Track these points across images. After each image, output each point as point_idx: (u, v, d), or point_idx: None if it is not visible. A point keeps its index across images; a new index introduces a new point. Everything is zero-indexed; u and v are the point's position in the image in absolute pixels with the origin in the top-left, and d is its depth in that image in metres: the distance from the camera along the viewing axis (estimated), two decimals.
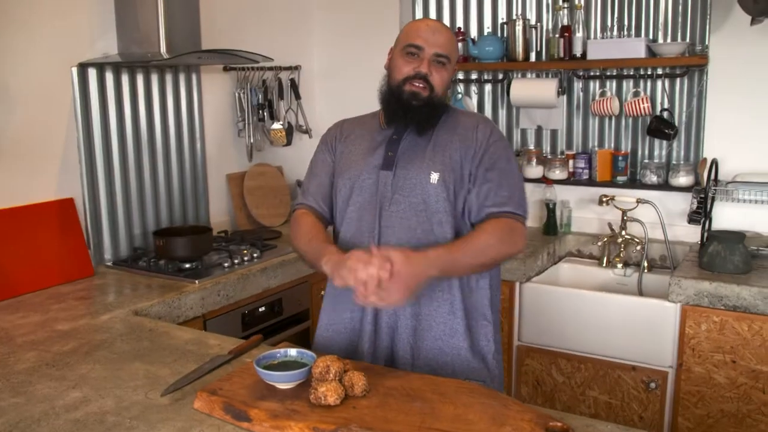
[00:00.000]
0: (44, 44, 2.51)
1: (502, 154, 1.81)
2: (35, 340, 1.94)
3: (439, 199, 1.77)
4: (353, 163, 1.86)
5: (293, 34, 3.66)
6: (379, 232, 1.78)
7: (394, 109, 1.82)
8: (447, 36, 1.80)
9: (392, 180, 1.79)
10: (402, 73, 1.79)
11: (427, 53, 1.76)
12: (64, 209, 2.57)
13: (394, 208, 1.78)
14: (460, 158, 1.79)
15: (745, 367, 2.40)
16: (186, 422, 1.42)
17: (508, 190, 1.78)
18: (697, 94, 3.00)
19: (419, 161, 1.79)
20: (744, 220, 2.86)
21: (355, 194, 1.83)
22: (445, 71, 1.80)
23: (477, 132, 1.82)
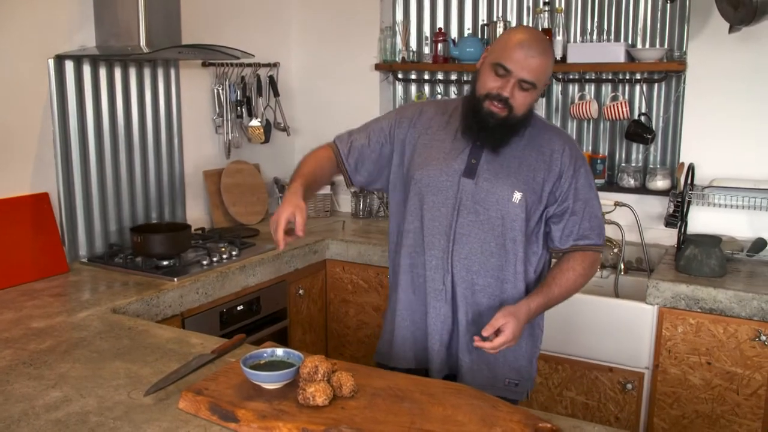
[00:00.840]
0: (20, 35, 2.45)
1: (586, 183, 1.83)
2: (9, 337, 1.89)
3: (517, 218, 1.79)
4: (434, 160, 1.84)
5: (273, 31, 3.63)
6: (454, 237, 1.81)
7: (470, 123, 1.80)
8: (540, 61, 1.71)
9: (474, 189, 1.79)
10: (485, 87, 1.75)
11: (515, 77, 1.71)
12: (38, 204, 2.51)
13: (473, 218, 1.80)
14: (542, 180, 1.80)
15: (720, 368, 2.44)
16: (171, 423, 1.40)
17: (590, 221, 1.83)
18: (674, 100, 3.04)
19: (504, 177, 1.79)
20: (719, 225, 2.91)
21: (431, 193, 1.83)
22: (530, 95, 1.75)
23: (563, 156, 1.81)
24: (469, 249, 1.80)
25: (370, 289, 3.05)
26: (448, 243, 1.81)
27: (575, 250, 1.84)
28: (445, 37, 3.45)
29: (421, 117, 1.94)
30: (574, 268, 1.82)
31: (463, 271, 1.81)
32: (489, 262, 1.81)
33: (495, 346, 1.70)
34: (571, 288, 1.83)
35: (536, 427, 1.33)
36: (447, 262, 1.82)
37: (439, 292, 1.84)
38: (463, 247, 1.80)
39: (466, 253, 1.80)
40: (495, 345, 1.69)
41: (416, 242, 1.87)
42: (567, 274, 1.82)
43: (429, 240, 1.83)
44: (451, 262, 1.82)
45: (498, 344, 1.70)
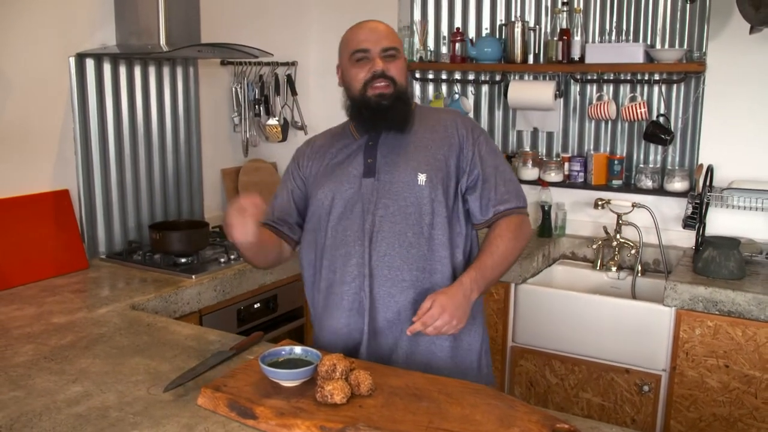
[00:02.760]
0: (42, 33, 2.48)
1: (490, 150, 1.82)
2: (31, 332, 1.91)
3: (429, 201, 1.74)
4: (331, 175, 1.81)
5: (291, 30, 3.64)
6: (370, 239, 1.73)
7: (367, 118, 1.78)
8: (386, 29, 1.79)
9: (377, 185, 1.75)
10: (359, 80, 1.75)
11: (375, 52, 1.74)
12: (59, 201, 2.54)
13: (383, 213, 1.73)
14: (444, 156, 1.77)
15: (738, 372, 2.43)
16: (191, 419, 1.41)
17: (505, 185, 1.80)
18: (693, 101, 3.02)
19: (403, 164, 1.75)
20: (738, 227, 2.88)
21: (337, 206, 1.78)
22: (399, 61, 1.77)
23: (458, 128, 1.80)
24: (386, 245, 1.72)
25: None
26: (363, 247, 1.73)
27: (498, 218, 1.78)
28: (462, 36, 3.44)
29: (312, 147, 1.91)
30: (502, 235, 1.75)
31: (385, 270, 1.72)
32: (410, 254, 1.72)
33: (426, 322, 1.60)
34: (506, 254, 1.74)
35: (554, 428, 1.33)
36: (364, 266, 1.72)
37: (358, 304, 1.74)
38: (380, 244, 1.72)
39: (384, 249, 1.72)
40: (425, 321, 1.60)
41: (332, 262, 1.78)
42: (496, 241, 1.75)
43: (345, 252, 1.75)
44: (369, 264, 1.72)
45: (429, 318, 1.60)
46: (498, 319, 2.86)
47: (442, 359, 1.79)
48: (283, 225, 1.89)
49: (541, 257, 3.05)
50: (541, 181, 3.26)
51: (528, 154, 3.32)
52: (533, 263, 2.94)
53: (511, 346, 2.87)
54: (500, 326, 2.86)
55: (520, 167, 3.30)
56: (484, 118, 3.51)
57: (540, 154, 3.40)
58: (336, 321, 1.79)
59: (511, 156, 3.40)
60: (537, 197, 3.27)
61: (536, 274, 2.99)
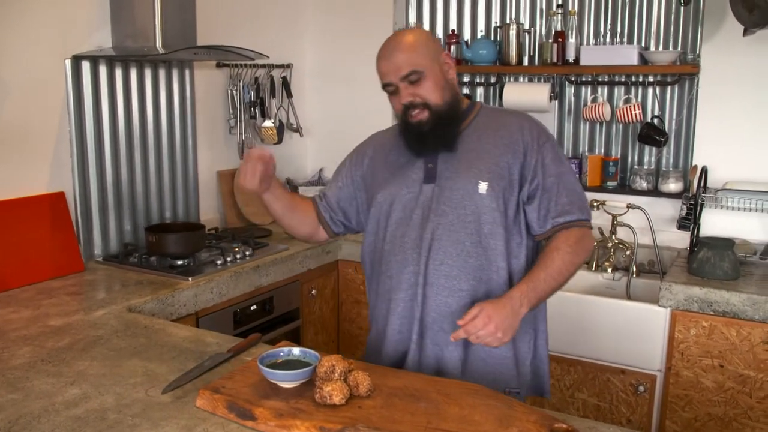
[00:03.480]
0: (38, 36, 2.47)
1: (555, 158, 1.73)
2: (28, 335, 1.91)
3: (489, 210, 1.69)
4: (391, 178, 1.80)
5: (286, 33, 3.64)
6: (429, 246, 1.70)
7: (413, 142, 1.77)
8: (402, 51, 1.69)
9: (437, 192, 1.72)
10: (396, 109, 1.76)
11: (397, 83, 1.70)
12: (54, 203, 2.54)
13: (442, 220, 1.70)
14: (507, 163, 1.71)
15: (732, 371, 2.44)
16: (189, 420, 1.41)
17: (567, 196, 1.72)
18: (687, 102, 3.04)
19: (465, 170, 1.71)
20: (732, 227, 2.90)
21: (396, 210, 1.76)
22: (427, 80, 1.69)
23: (523, 134, 1.73)
24: (443, 253, 1.69)
25: None
26: (420, 255, 1.71)
27: (558, 231, 1.71)
28: (458, 39, 3.45)
29: (373, 145, 1.92)
30: (558, 248, 1.68)
31: (441, 279, 1.70)
32: (468, 264, 1.70)
33: (469, 330, 1.56)
34: (562, 269, 1.67)
35: (552, 428, 1.34)
36: (420, 276, 1.71)
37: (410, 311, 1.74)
38: (437, 253, 1.69)
39: (441, 258, 1.69)
40: (469, 329, 1.56)
41: (389, 267, 1.77)
42: (551, 254, 1.68)
43: (402, 258, 1.74)
44: (425, 273, 1.70)
45: (472, 327, 1.56)
46: None
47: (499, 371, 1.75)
48: (326, 210, 1.94)
49: None
50: None
51: None
52: None
53: None
54: None
55: None
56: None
57: None
58: (390, 327, 1.78)
59: None
60: None
61: None
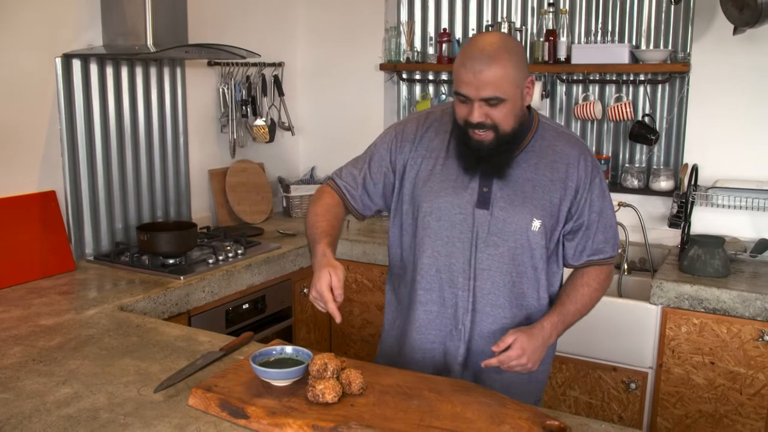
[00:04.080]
0: (28, 34, 2.46)
1: (600, 194, 1.73)
2: (18, 335, 1.90)
3: (538, 247, 1.70)
4: (442, 190, 1.71)
5: (278, 31, 3.64)
6: (475, 275, 1.70)
7: (467, 156, 1.68)
8: (492, 72, 1.54)
9: (490, 220, 1.68)
10: (459, 117, 1.64)
11: (474, 100, 1.58)
12: (45, 202, 2.53)
13: (492, 251, 1.69)
14: (559, 200, 1.70)
15: (723, 368, 2.45)
16: (182, 419, 1.41)
17: (603, 233, 1.75)
18: (678, 101, 3.05)
19: (520, 204, 1.68)
20: (723, 225, 2.92)
21: (444, 228, 1.71)
22: (506, 107, 1.58)
23: (579, 170, 1.70)
24: (491, 284, 1.70)
25: (375, 288, 3.06)
26: (468, 281, 1.71)
27: (589, 265, 1.77)
28: (449, 37, 3.46)
29: (423, 139, 1.78)
30: (589, 284, 1.75)
31: (488, 307, 1.72)
32: (512, 293, 1.72)
33: (503, 361, 1.61)
34: (588, 303, 1.76)
35: (544, 425, 1.34)
36: (468, 302, 1.72)
37: (456, 332, 1.75)
38: (485, 282, 1.70)
39: (489, 288, 1.70)
40: (503, 360, 1.61)
41: (432, 279, 1.74)
42: (582, 290, 1.75)
43: (447, 277, 1.73)
44: (473, 300, 1.72)
45: (506, 358, 1.61)
46: None
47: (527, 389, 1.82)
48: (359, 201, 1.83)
49: None
50: None
51: None
52: None
53: None
54: None
55: None
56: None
57: None
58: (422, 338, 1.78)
59: None
60: None
61: None
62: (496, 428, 1.33)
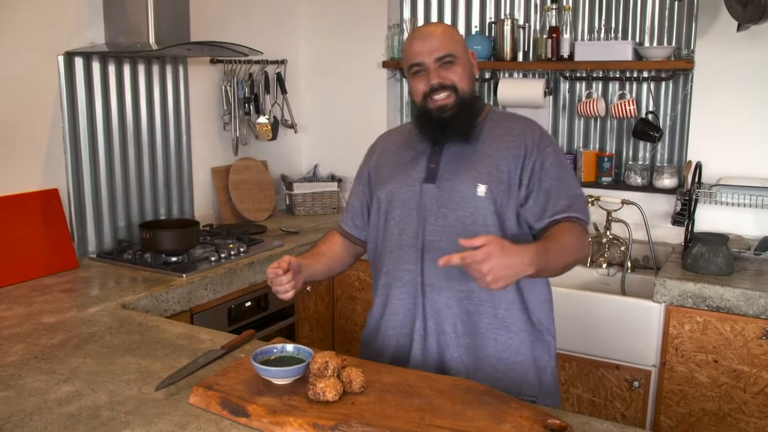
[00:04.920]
0: (30, 32, 2.46)
1: (555, 162, 1.71)
2: (21, 332, 1.91)
3: (488, 212, 1.69)
4: (393, 175, 1.80)
5: (280, 28, 3.64)
6: (423, 246, 1.72)
7: (429, 129, 1.75)
8: (441, 36, 1.71)
9: (437, 193, 1.72)
10: (419, 93, 1.72)
11: (429, 63, 1.69)
12: (48, 200, 2.53)
13: (441, 222, 1.71)
14: (507, 167, 1.70)
15: (726, 366, 2.44)
16: (182, 417, 1.41)
17: (566, 198, 1.69)
18: (682, 98, 3.04)
19: (465, 173, 1.71)
20: (726, 223, 2.90)
21: (395, 208, 1.77)
22: (458, 66, 1.70)
23: (526, 138, 1.72)
24: (443, 255, 1.58)
25: None
26: (417, 254, 1.72)
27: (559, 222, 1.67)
28: None
29: (377, 147, 1.92)
30: (563, 230, 1.64)
31: (442, 281, 1.71)
32: None
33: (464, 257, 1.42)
34: (570, 249, 1.61)
35: (546, 423, 1.34)
36: (419, 275, 1.72)
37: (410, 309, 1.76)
38: (435, 254, 1.67)
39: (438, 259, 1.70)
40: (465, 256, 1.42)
41: (389, 261, 1.78)
42: (562, 233, 1.63)
43: (398, 256, 1.75)
44: (422, 275, 1.72)
45: (469, 256, 1.42)
46: None
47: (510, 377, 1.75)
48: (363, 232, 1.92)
49: None
50: None
51: None
52: None
53: None
54: None
55: None
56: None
57: None
58: (386, 322, 1.81)
59: None
60: None
61: None
62: (497, 427, 1.32)
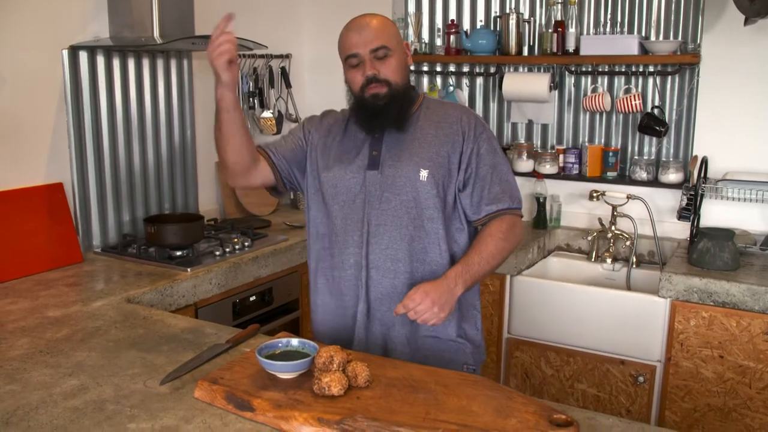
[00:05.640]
0: (35, 26, 2.46)
1: (490, 149, 1.83)
2: (26, 326, 1.91)
3: (430, 196, 1.78)
4: (337, 161, 1.85)
5: (285, 23, 3.63)
6: (368, 230, 1.79)
7: (365, 117, 1.81)
8: (374, 27, 1.77)
9: (380, 179, 1.79)
10: (355, 84, 1.79)
11: (365, 55, 1.75)
12: (52, 194, 2.53)
13: (385, 206, 1.79)
14: (447, 153, 1.80)
15: (732, 362, 2.44)
16: (187, 411, 1.41)
17: (500, 185, 1.81)
18: (688, 92, 3.03)
19: (407, 158, 1.79)
20: (732, 218, 2.89)
21: (340, 193, 1.83)
22: (392, 59, 1.77)
23: (462, 125, 1.82)
24: (388, 238, 1.78)
25: None
26: (361, 237, 1.79)
27: (491, 218, 1.81)
28: (457, 28, 3.44)
29: (322, 122, 1.96)
30: (492, 234, 1.78)
31: (388, 262, 1.79)
32: (411, 247, 1.79)
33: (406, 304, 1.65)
34: (495, 253, 1.77)
35: (551, 418, 1.33)
36: (363, 258, 1.80)
37: (354, 291, 1.82)
38: (382, 237, 1.78)
39: (387, 242, 1.78)
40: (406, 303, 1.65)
41: (332, 244, 1.85)
42: (486, 240, 1.78)
43: (343, 240, 1.82)
44: (367, 258, 1.79)
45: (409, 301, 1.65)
46: (493, 311, 2.87)
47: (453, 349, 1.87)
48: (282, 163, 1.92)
49: (537, 249, 3.05)
50: (536, 173, 3.26)
51: (523, 146, 3.32)
52: (528, 255, 2.94)
53: (507, 338, 2.87)
54: (496, 318, 2.87)
55: (514, 159, 3.30)
56: (479, 111, 3.51)
57: (535, 146, 3.39)
58: (333, 302, 1.87)
59: (506, 148, 3.40)
60: (532, 189, 3.28)
61: (531, 265, 2.99)
62: (503, 422, 1.32)
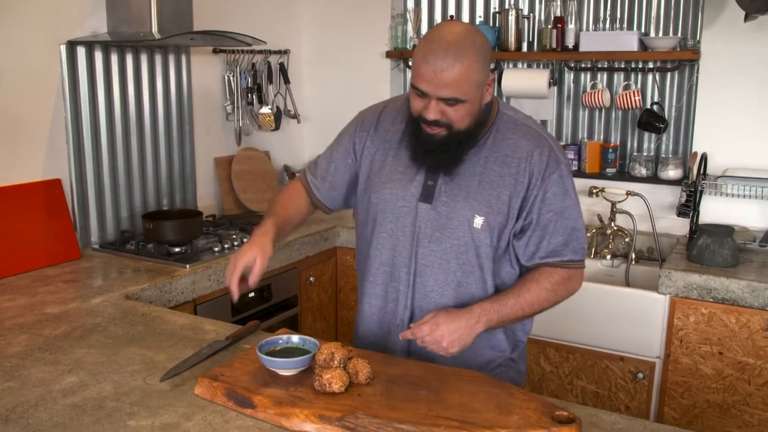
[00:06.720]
0: (32, 21, 2.44)
1: (559, 191, 1.61)
2: (24, 323, 1.90)
3: (482, 245, 1.62)
4: (389, 182, 1.68)
5: (283, 18, 3.61)
6: (416, 270, 1.66)
7: (416, 147, 1.63)
8: (454, 73, 1.47)
9: (433, 216, 1.63)
10: (414, 110, 1.58)
11: (432, 97, 1.52)
12: (50, 190, 2.52)
13: (434, 247, 1.64)
14: (508, 197, 1.61)
15: (731, 359, 2.44)
16: (188, 408, 1.40)
17: (563, 235, 1.62)
18: (687, 89, 3.02)
19: (463, 200, 1.61)
20: (732, 214, 2.89)
21: (389, 221, 1.68)
22: (463, 107, 1.53)
23: (531, 164, 1.60)
24: (434, 281, 1.65)
25: None
26: (409, 276, 1.67)
27: (545, 265, 1.65)
28: None
29: (378, 129, 1.74)
30: (538, 281, 1.62)
31: (431, 305, 1.66)
32: (458, 293, 1.65)
33: (414, 332, 1.56)
34: (534, 303, 1.62)
35: (553, 415, 1.33)
36: (408, 298, 1.68)
37: (395, 328, 1.71)
38: (428, 279, 1.65)
39: (432, 285, 1.65)
40: (414, 331, 1.55)
41: (377, 272, 1.72)
42: (529, 285, 1.62)
43: (389, 271, 1.70)
44: (412, 297, 1.68)
45: (417, 330, 1.55)
46: None
47: None
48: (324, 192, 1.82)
49: None
50: None
51: None
52: None
53: None
54: None
55: None
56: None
57: None
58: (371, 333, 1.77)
59: None
60: None
61: None
62: (505, 418, 1.32)
